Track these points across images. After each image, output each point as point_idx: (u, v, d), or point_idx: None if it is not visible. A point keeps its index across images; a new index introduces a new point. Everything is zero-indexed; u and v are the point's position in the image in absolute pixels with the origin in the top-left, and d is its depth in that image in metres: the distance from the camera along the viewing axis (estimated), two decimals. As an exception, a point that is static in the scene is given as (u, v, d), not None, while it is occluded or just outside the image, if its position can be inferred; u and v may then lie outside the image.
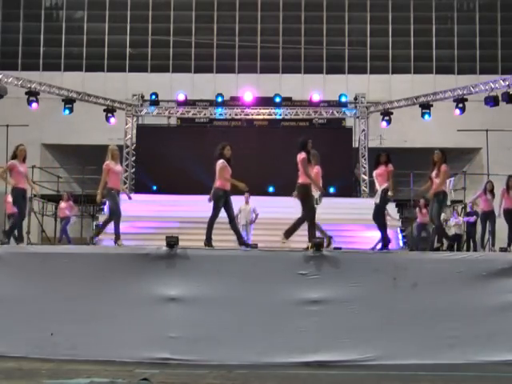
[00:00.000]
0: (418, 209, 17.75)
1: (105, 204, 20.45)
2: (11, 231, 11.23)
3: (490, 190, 14.90)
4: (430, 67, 26.56)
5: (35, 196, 20.57)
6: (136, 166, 23.48)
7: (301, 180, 9.99)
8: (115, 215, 10.74)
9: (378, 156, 10.63)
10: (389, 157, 10.54)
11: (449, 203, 18.77)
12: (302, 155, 9.94)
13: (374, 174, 10.63)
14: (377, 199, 10.30)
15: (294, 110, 23.93)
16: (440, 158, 10.35)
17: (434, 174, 10.36)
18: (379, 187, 10.34)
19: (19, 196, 10.77)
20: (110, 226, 11.10)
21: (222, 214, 10.13)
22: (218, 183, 10.06)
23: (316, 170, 10.69)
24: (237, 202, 14.22)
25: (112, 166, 10.90)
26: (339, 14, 26.95)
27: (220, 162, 10.13)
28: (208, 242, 9.75)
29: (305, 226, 10.01)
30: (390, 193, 10.34)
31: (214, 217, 9.95)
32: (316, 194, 10.46)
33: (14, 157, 10.79)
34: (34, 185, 12.26)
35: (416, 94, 22.60)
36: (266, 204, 17.20)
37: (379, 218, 10.37)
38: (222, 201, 9.96)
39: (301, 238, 10.39)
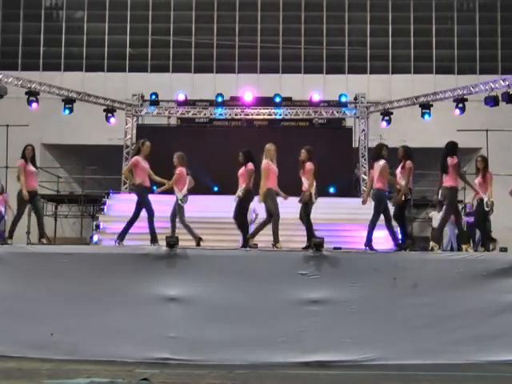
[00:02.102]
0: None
1: (105, 204, 20.53)
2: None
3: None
4: (430, 67, 26.55)
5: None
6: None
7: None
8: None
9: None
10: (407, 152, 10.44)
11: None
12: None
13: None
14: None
15: (294, 110, 23.91)
16: (403, 155, 10.30)
17: (398, 170, 10.36)
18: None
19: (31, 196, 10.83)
20: (110, 226, 11.11)
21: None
22: None
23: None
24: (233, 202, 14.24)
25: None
26: (339, 14, 26.93)
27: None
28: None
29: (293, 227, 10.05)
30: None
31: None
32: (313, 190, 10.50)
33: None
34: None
35: (416, 94, 22.57)
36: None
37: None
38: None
39: (301, 238, 10.39)
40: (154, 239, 10.19)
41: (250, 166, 10.56)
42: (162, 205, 11.42)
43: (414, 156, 10.54)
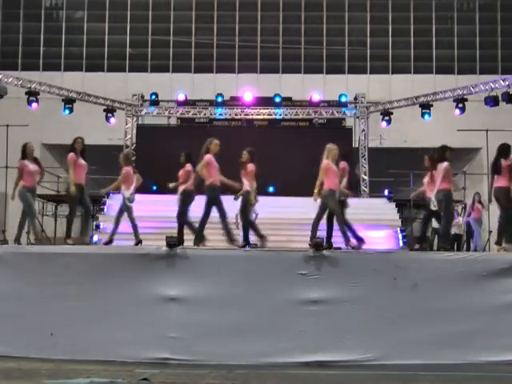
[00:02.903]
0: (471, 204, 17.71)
1: (105, 204, 20.52)
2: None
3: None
4: (430, 67, 26.55)
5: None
6: (136, 166, 23.46)
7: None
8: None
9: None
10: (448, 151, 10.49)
11: None
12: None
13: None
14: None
15: (294, 110, 23.92)
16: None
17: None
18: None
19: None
20: (110, 226, 11.14)
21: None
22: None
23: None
24: (237, 201, 14.23)
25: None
26: (339, 14, 26.93)
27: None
28: None
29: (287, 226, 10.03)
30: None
31: None
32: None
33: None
34: None
35: (416, 94, 22.58)
36: (265, 204, 17.17)
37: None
38: None
39: (301, 238, 10.40)
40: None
41: (251, 167, 10.59)
42: (165, 205, 11.41)
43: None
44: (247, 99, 23.66)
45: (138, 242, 10.89)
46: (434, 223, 20.33)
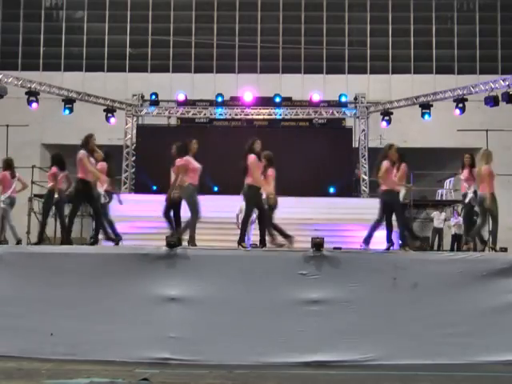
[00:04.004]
0: None
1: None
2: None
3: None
4: (430, 67, 26.54)
5: (35, 196, 20.60)
6: (136, 166, 23.47)
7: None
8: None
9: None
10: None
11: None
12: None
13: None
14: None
15: (294, 110, 23.91)
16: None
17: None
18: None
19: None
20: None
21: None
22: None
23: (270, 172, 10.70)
24: (237, 201, 14.23)
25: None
26: (339, 14, 26.92)
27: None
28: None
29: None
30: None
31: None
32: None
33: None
34: None
35: (416, 94, 22.57)
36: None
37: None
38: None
39: (301, 238, 10.39)
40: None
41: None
42: (161, 205, 11.40)
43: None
44: (247, 99, 23.65)
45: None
46: (436, 222, 20.39)
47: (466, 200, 11.00)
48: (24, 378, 7.27)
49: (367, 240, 10.05)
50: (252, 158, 10.10)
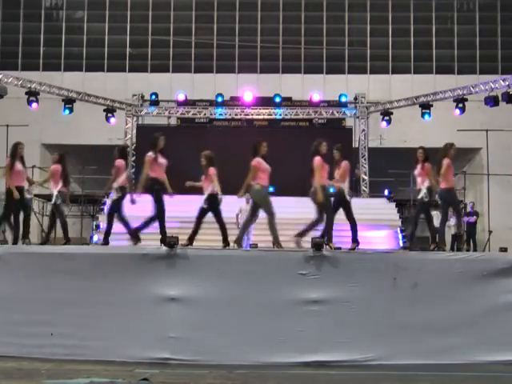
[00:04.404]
0: None
1: (105, 204, 20.51)
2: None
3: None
4: (430, 67, 26.54)
5: (35, 196, 20.59)
6: (136, 166, 23.47)
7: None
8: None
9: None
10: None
11: None
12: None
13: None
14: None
15: (294, 110, 23.93)
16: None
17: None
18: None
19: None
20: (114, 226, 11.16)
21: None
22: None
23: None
24: (237, 201, 14.21)
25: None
26: (339, 14, 26.92)
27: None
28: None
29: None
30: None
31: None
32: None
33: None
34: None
35: (416, 94, 22.59)
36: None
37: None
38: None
39: (302, 238, 10.38)
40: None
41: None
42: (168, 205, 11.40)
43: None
44: (247, 99, 23.66)
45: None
46: (436, 222, 20.39)
47: (419, 196, 10.85)
48: (24, 378, 7.27)
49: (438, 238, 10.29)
50: (317, 160, 10.08)
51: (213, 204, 10.27)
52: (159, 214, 10.29)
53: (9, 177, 10.63)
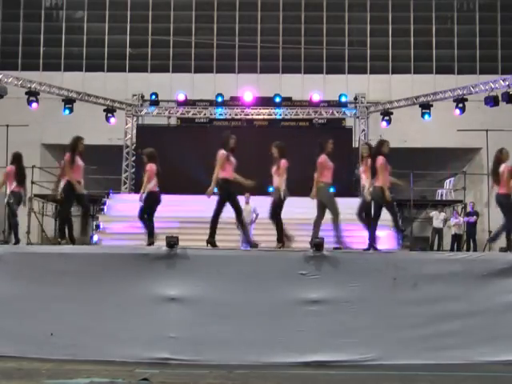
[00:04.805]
0: None
1: (105, 204, 20.53)
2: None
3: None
4: (430, 67, 26.55)
5: (35, 196, 20.61)
6: (136, 166, 23.49)
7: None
8: None
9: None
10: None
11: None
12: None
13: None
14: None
15: (294, 110, 23.94)
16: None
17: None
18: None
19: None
20: (110, 226, 11.14)
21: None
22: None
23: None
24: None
25: None
26: (339, 14, 26.93)
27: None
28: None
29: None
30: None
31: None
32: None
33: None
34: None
35: (416, 94, 22.60)
36: (266, 204, 17.14)
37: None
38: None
39: (301, 238, 10.39)
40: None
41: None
42: (165, 205, 11.41)
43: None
44: (247, 99, 23.67)
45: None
46: (435, 222, 20.40)
47: (364, 193, 10.82)
48: (24, 378, 7.27)
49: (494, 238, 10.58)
50: (380, 159, 10.05)
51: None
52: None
53: (70, 170, 10.43)
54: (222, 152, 10.19)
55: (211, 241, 9.86)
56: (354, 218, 10.78)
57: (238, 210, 10.22)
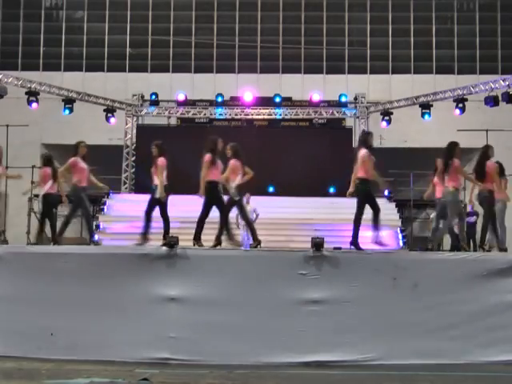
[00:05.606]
0: None
1: (105, 204, 20.53)
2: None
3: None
4: (430, 67, 26.54)
5: (35, 196, 20.58)
6: (136, 166, 23.48)
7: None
8: None
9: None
10: None
11: None
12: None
13: None
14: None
15: (294, 110, 23.93)
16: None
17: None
18: None
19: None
20: (110, 226, 11.14)
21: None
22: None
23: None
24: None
25: None
26: (339, 14, 26.92)
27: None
28: None
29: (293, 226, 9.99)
30: None
31: None
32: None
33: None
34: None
35: (416, 94, 22.60)
36: (266, 204, 17.18)
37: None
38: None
39: (301, 238, 10.39)
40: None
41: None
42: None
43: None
44: (247, 99, 23.67)
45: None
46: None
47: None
48: (24, 378, 7.27)
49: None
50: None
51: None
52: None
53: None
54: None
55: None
56: (353, 218, 10.74)
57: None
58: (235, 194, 10.39)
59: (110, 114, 23.19)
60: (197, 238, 10.05)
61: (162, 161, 10.75)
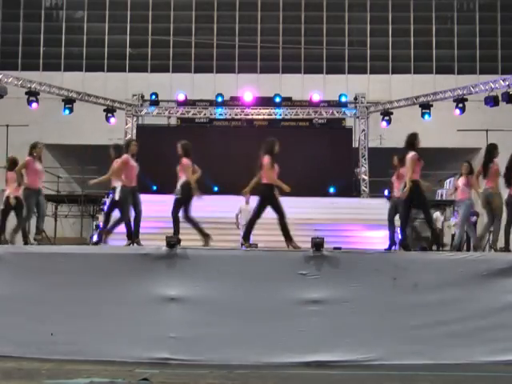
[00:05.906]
0: None
1: (105, 204, 20.50)
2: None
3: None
4: (430, 67, 26.57)
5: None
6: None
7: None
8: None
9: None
10: None
11: None
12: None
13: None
14: None
15: (294, 110, 23.92)
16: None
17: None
18: None
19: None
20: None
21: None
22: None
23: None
24: (237, 201, 14.22)
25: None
26: (339, 14, 26.95)
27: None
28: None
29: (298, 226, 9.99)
30: None
31: None
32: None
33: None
34: None
35: (416, 94, 22.59)
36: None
37: None
38: None
39: (301, 238, 10.38)
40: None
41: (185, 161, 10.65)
42: (165, 205, 11.40)
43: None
44: (247, 99, 23.66)
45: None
46: (438, 223, 20.37)
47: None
48: (24, 378, 7.27)
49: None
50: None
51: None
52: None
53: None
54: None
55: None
56: (353, 218, 10.75)
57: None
58: (179, 192, 10.41)
59: (109, 114, 23.18)
60: (246, 238, 10.05)
61: (185, 161, 10.75)
